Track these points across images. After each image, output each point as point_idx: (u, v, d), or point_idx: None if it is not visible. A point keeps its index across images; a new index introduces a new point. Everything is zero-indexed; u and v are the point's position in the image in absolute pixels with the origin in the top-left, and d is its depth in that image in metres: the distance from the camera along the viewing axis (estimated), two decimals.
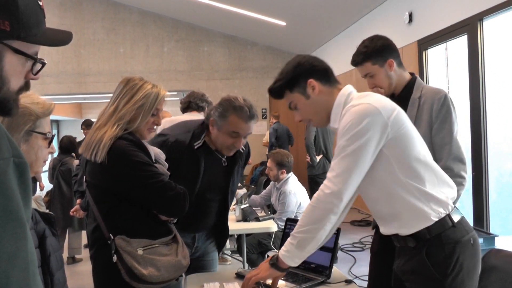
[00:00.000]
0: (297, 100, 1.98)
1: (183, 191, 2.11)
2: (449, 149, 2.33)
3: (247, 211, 4.37)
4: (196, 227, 2.65)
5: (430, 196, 1.80)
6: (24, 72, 0.98)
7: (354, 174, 1.76)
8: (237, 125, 2.40)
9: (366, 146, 1.74)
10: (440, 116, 2.36)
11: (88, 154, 2.04)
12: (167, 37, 11.23)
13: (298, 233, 1.84)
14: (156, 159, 2.22)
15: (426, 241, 1.81)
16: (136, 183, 2.03)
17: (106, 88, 10.99)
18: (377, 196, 1.87)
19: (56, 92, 11.01)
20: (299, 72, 1.95)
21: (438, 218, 1.80)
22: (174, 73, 11.20)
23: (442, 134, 2.35)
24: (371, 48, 2.44)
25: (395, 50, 2.50)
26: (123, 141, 2.05)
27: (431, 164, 1.87)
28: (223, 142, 2.46)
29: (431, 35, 5.81)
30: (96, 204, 2.11)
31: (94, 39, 11.13)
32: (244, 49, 11.43)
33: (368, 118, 1.74)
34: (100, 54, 11.11)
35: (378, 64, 2.44)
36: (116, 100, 2.13)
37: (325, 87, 1.95)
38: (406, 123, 1.84)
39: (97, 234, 2.11)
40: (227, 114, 2.40)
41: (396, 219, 1.86)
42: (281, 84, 1.99)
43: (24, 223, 0.76)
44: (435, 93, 2.42)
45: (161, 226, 2.17)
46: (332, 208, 1.77)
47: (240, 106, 2.39)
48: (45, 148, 1.56)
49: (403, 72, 2.52)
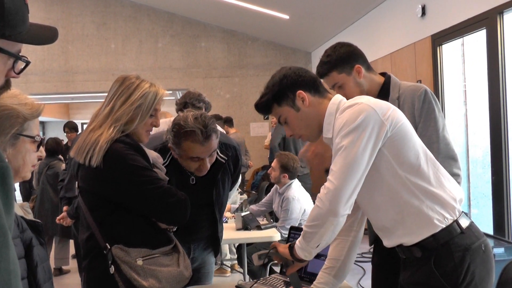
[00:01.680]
0: (287, 113, 2.02)
1: (185, 197, 2.13)
2: (437, 148, 2.34)
3: (248, 219, 4.38)
4: (190, 238, 2.66)
5: (436, 197, 1.83)
6: (5, 70, 0.99)
7: (352, 170, 1.77)
8: (193, 150, 2.33)
9: (362, 140, 1.77)
10: (423, 114, 2.38)
11: (82, 158, 2.06)
12: (162, 32, 11.24)
13: (305, 226, 1.90)
14: (153, 163, 2.23)
15: (433, 250, 1.82)
16: (134, 189, 2.05)
17: (96, 87, 11.01)
18: (379, 201, 1.90)
19: (41, 92, 11.00)
20: (286, 84, 2.00)
21: (444, 224, 1.82)
22: (169, 70, 11.21)
23: (428, 133, 2.36)
24: (335, 56, 2.45)
25: (361, 55, 2.51)
26: (120, 144, 2.06)
27: (434, 162, 1.91)
28: (189, 167, 2.44)
29: (446, 30, 5.82)
30: (90, 211, 2.12)
31: (83, 35, 11.15)
32: (244, 44, 11.45)
33: (363, 116, 1.79)
34: (89, 51, 11.13)
35: (345, 73, 2.45)
36: (112, 100, 2.15)
37: (315, 97, 2.01)
38: (403, 120, 1.88)
39: (92, 243, 2.12)
40: (180, 142, 2.33)
41: (400, 227, 1.88)
42: (268, 98, 2.04)
43: (6, 231, 0.76)
44: (414, 90, 2.43)
45: (160, 235, 2.18)
46: (330, 209, 1.78)
47: (191, 130, 2.29)
48: (33, 152, 1.57)
49: (374, 76, 2.52)
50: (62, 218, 4.92)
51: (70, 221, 4.87)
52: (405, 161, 1.83)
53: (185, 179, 2.54)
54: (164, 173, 2.27)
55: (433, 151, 2.31)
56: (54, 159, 6.12)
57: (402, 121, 1.87)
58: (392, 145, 1.83)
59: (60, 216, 4.98)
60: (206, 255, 2.78)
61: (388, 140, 1.82)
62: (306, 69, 2.07)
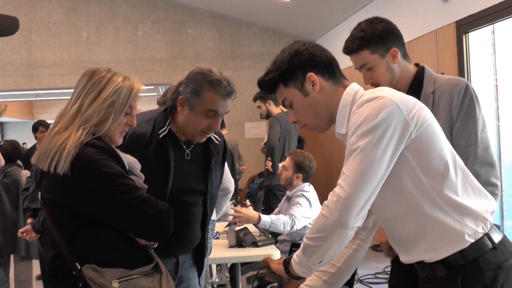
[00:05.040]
0: (293, 97, 2.01)
1: (167, 208, 2.13)
2: (475, 152, 2.35)
3: (242, 234, 4.37)
4: (178, 247, 2.67)
5: (464, 209, 1.82)
6: None
7: (368, 176, 1.75)
8: (214, 102, 2.54)
9: (382, 142, 1.75)
10: (462, 112, 2.38)
11: (46, 165, 2.06)
12: (142, 18, 11.25)
13: (306, 238, 1.87)
14: (130, 169, 2.23)
15: (460, 268, 1.82)
16: (108, 199, 2.05)
17: (65, 83, 10.99)
18: (397, 212, 1.89)
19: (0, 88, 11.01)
20: (296, 63, 1.99)
21: (474, 238, 1.81)
22: (151, 62, 11.22)
23: (466, 134, 2.37)
24: (370, 32, 2.44)
25: (400, 37, 2.50)
26: (90, 148, 2.07)
27: (464, 170, 1.90)
28: (197, 125, 2.57)
29: (473, 15, 5.84)
30: (56, 226, 2.12)
31: (49, 22, 11.14)
32: (237, 31, 11.46)
33: (385, 112, 1.76)
34: (57, 41, 11.12)
35: (379, 54, 2.44)
36: (80, 97, 2.15)
37: (328, 83, 1.99)
38: (431, 119, 1.87)
39: (59, 263, 2.12)
40: (202, 90, 2.53)
41: (421, 241, 1.87)
42: (274, 76, 2.02)
43: None
44: (453, 84, 2.43)
45: (139, 253, 2.18)
46: (340, 220, 1.76)
47: (218, 80, 2.53)
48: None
49: (408, 65, 2.52)
50: (26, 232, 4.91)
51: (35, 236, 4.85)
52: (431, 167, 1.82)
53: (180, 153, 2.69)
54: (142, 180, 2.27)
55: (470, 155, 2.33)
56: (12, 165, 6.07)
57: (430, 120, 1.85)
58: (417, 148, 1.81)
59: (23, 229, 4.96)
60: (193, 274, 2.79)
61: (412, 143, 1.80)
62: (323, 48, 2.04)
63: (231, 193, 4.09)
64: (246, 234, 4.40)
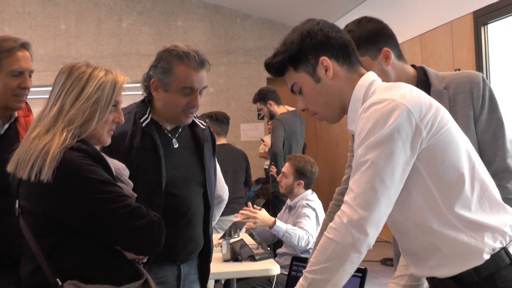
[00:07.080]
0: (303, 82, 1.99)
1: (158, 218, 2.13)
2: (503, 145, 2.37)
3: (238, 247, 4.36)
4: (180, 250, 2.67)
5: (479, 225, 1.81)
6: None
7: (381, 195, 1.74)
8: (188, 77, 2.65)
9: (393, 155, 1.73)
10: (485, 104, 2.41)
11: (25, 173, 2.06)
12: (127, 9, 11.25)
13: (310, 272, 1.82)
14: (117, 176, 2.23)
15: (473, 285, 1.82)
16: (92, 208, 2.05)
17: (41, 80, 10.93)
18: (405, 226, 1.89)
19: None
20: (308, 45, 1.97)
21: (490, 254, 1.81)
22: (137, 57, 11.21)
23: (492, 128, 2.39)
24: (359, 33, 2.42)
25: (392, 36, 2.49)
26: (74, 152, 2.07)
27: (482, 183, 1.87)
28: (177, 105, 2.66)
29: (492, 5, 5.85)
30: (35, 238, 2.12)
31: (23, 13, 11.13)
32: (232, 23, 11.47)
33: (394, 119, 1.74)
34: (32, 33, 11.10)
35: (369, 55, 2.43)
36: (60, 97, 2.16)
37: (343, 68, 1.97)
38: (449, 124, 1.84)
39: (38, 279, 2.11)
40: (172, 66, 2.65)
41: (434, 256, 1.86)
42: (283, 58, 2.00)
43: None
44: (468, 77, 2.45)
45: (127, 268, 2.18)
46: (354, 244, 1.74)
47: (184, 51, 2.66)
48: None
49: (405, 66, 2.52)
50: None
51: None
52: (444, 180, 1.80)
53: (167, 142, 2.77)
54: (131, 188, 2.28)
55: (499, 149, 2.35)
56: None
57: (447, 125, 1.82)
58: (429, 158, 1.79)
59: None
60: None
61: (423, 152, 1.78)
62: (339, 28, 2.03)
63: (225, 202, 4.08)
64: (242, 247, 4.38)
